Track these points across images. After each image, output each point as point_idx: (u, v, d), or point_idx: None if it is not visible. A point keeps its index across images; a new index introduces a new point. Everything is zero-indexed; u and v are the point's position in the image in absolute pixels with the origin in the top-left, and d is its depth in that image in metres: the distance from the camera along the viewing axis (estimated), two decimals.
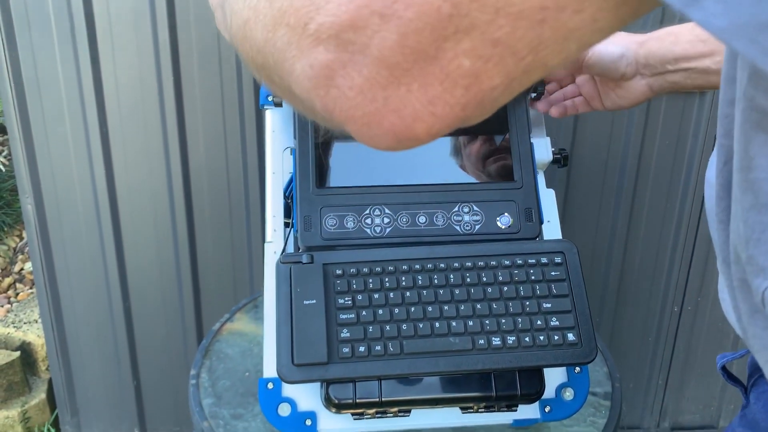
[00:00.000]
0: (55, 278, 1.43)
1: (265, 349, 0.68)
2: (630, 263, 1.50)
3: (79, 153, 1.32)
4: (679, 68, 0.80)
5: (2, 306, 1.98)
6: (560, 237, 0.74)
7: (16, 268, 2.23)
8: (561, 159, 0.77)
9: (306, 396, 0.67)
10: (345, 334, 0.62)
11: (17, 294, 2.10)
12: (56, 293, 1.44)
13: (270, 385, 0.67)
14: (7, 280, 2.16)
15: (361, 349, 0.62)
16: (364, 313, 0.64)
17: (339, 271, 0.65)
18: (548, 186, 0.77)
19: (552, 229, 0.75)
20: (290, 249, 0.74)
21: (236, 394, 0.87)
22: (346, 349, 0.62)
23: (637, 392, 1.64)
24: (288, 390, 0.67)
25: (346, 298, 0.64)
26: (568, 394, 0.70)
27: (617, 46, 0.79)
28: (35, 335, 1.80)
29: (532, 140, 0.74)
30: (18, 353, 1.76)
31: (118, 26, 1.25)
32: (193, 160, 1.35)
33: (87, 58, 1.26)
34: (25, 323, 1.88)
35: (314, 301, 0.63)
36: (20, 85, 1.28)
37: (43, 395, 1.77)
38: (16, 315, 1.92)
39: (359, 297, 0.64)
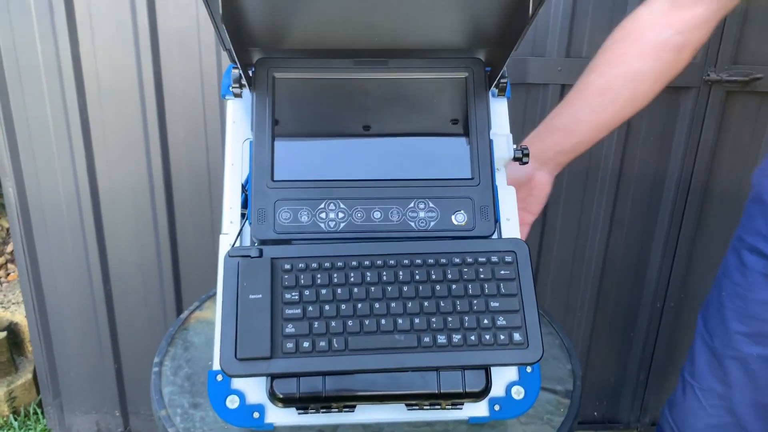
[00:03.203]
0: (37, 262, 1.44)
1: (215, 341, 0.68)
2: (612, 259, 1.49)
3: (59, 137, 1.32)
4: (575, 150, 0.89)
5: None
6: (518, 235, 0.74)
7: (9, 249, 2.25)
8: (522, 156, 0.76)
9: (254, 389, 0.67)
10: (290, 329, 0.62)
11: (8, 274, 2.12)
12: (38, 277, 1.45)
13: (219, 378, 0.68)
14: None
15: (306, 344, 0.62)
16: (310, 308, 0.64)
17: (287, 266, 0.65)
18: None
19: (511, 227, 0.75)
20: (246, 242, 0.73)
21: (197, 383, 0.87)
22: (290, 345, 0.62)
23: (617, 387, 1.64)
24: (237, 383, 0.67)
25: (293, 293, 0.64)
26: (518, 393, 0.69)
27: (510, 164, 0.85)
28: (23, 316, 1.82)
29: (492, 137, 0.73)
30: (4, 333, 1.78)
31: (97, 13, 1.24)
32: (173, 144, 1.35)
33: (66, 43, 1.25)
34: (13, 304, 1.90)
35: (260, 296, 0.63)
36: (0, 71, 1.27)
37: (30, 376, 1.79)
38: (4, 295, 1.94)
39: (306, 292, 0.64)
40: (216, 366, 0.68)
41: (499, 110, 0.78)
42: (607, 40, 0.87)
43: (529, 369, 0.70)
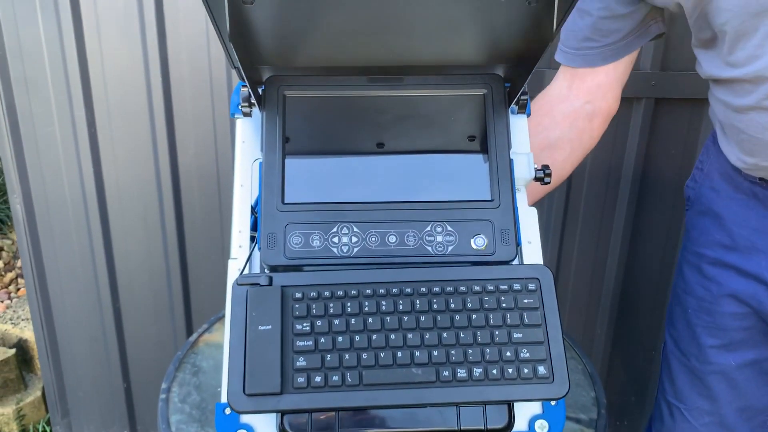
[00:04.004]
0: (45, 279, 1.42)
1: (224, 373, 0.65)
2: (632, 274, 1.45)
3: (67, 152, 1.30)
4: None
5: (2, 302, 1.98)
6: (541, 259, 0.70)
7: (19, 264, 2.23)
8: (544, 176, 0.73)
9: (264, 424, 0.64)
10: (301, 362, 0.59)
11: (18, 289, 2.11)
12: (46, 294, 1.43)
13: (227, 411, 0.64)
14: (9, 275, 2.17)
15: (317, 379, 0.59)
16: (322, 340, 0.60)
17: (299, 295, 0.62)
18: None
19: (533, 251, 0.71)
20: (256, 267, 0.70)
21: (205, 411, 0.84)
22: (301, 379, 0.59)
23: (638, 408, 1.59)
24: (246, 417, 0.64)
25: (305, 324, 0.61)
26: (542, 428, 0.66)
27: None
28: (32, 332, 1.80)
29: (512, 156, 0.70)
30: (14, 350, 1.76)
31: (105, 24, 1.22)
32: (183, 159, 1.32)
33: (74, 56, 1.24)
34: (23, 320, 1.88)
35: (270, 327, 0.60)
36: (8, 84, 1.26)
37: (39, 393, 1.77)
38: (14, 311, 1.92)
39: (318, 323, 0.61)
40: (224, 398, 0.64)
41: (519, 128, 0.75)
42: None
43: (553, 402, 0.66)
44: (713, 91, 0.82)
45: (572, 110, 0.89)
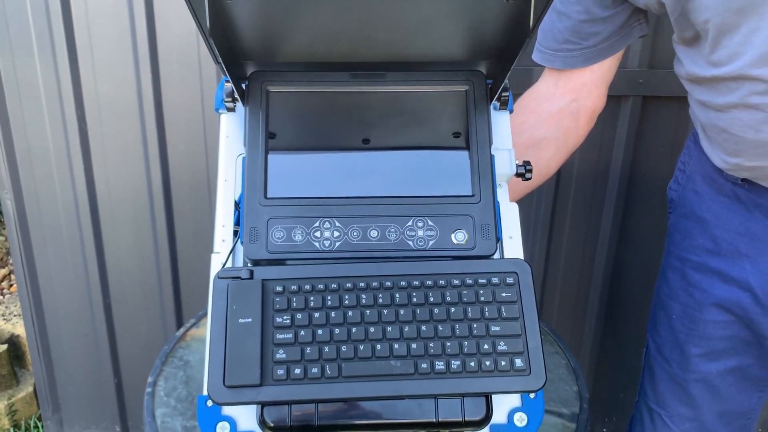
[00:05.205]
0: (36, 274, 1.42)
1: (206, 365, 0.66)
2: (621, 272, 1.46)
3: (58, 149, 1.31)
4: None
5: None
6: (521, 254, 0.71)
7: (11, 260, 2.24)
8: (525, 172, 0.74)
9: (246, 416, 0.64)
10: (281, 354, 0.60)
11: (11, 285, 2.11)
12: (37, 290, 1.43)
13: (209, 403, 0.65)
14: (2, 272, 2.17)
15: (297, 371, 0.59)
16: (302, 333, 0.61)
17: (279, 288, 0.63)
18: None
19: (514, 245, 0.72)
20: (239, 261, 0.71)
21: (191, 405, 0.85)
22: (281, 371, 0.59)
23: (627, 403, 1.60)
24: (228, 409, 0.65)
25: (285, 317, 0.61)
26: (521, 420, 0.66)
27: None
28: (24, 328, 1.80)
29: (493, 152, 0.71)
30: (5, 346, 1.76)
31: (95, 19, 1.23)
32: (173, 156, 1.33)
33: (64, 51, 1.24)
34: (15, 315, 1.88)
35: (250, 320, 0.61)
36: None
37: (31, 389, 1.77)
38: (6, 307, 1.92)
39: (298, 316, 0.62)
40: (206, 391, 0.65)
41: (501, 124, 0.75)
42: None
43: (532, 395, 0.67)
44: (692, 93, 0.81)
45: (558, 109, 0.88)
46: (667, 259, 0.94)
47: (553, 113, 0.89)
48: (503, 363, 0.61)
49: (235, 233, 0.72)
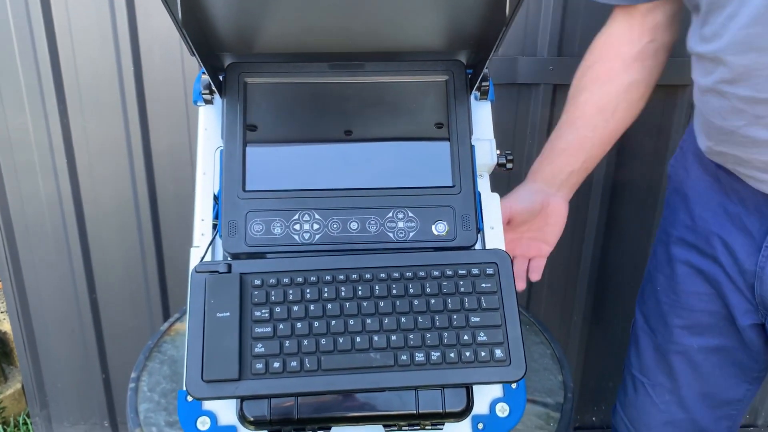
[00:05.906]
0: (20, 271, 1.41)
1: (185, 360, 0.65)
2: (608, 262, 1.46)
3: (40, 143, 1.29)
4: (585, 168, 0.92)
5: None
6: (503, 245, 0.71)
7: None
8: (506, 162, 0.73)
9: (226, 411, 0.64)
10: (259, 348, 0.59)
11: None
12: (22, 286, 1.42)
13: (190, 398, 0.65)
14: None
15: (276, 365, 0.59)
16: (281, 326, 0.61)
17: (258, 282, 0.62)
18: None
19: (495, 236, 0.72)
20: (219, 255, 0.70)
21: (175, 400, 0.84)
22: (259, 365, 0.59)
23: (615, 391, 1.60)
24: (208, 404, 0.65)
25: (263, 311, 0.61)
26: (503, 410, 0.66)
27: (522, 193, 0.91)
28: None
29: (474, 142, 0.70)
30: None
31: (75, 12, 1.21)
32: (156, 149, 1.32)
33: (45, 44, 1.22)
34: (2, 312, 1.87)
35: (228, 314, 0.60)
36: None
37: (19, 386, 1.76)
38: None
39: (277, 309, 0.61)
40: (185, 386, 0.65)
41: (482, 114, 0.75)
42: (584, 63, 0.92)
43: (513, 385, 0.67)
44: (692, 66, 0.82)
45: (638, 51, 0.89)
46: (658, 233, 0.97)
47: (635, 56, 0.89)
48: (483, 354, 0.60)
49: (215, 227, 0.71)
